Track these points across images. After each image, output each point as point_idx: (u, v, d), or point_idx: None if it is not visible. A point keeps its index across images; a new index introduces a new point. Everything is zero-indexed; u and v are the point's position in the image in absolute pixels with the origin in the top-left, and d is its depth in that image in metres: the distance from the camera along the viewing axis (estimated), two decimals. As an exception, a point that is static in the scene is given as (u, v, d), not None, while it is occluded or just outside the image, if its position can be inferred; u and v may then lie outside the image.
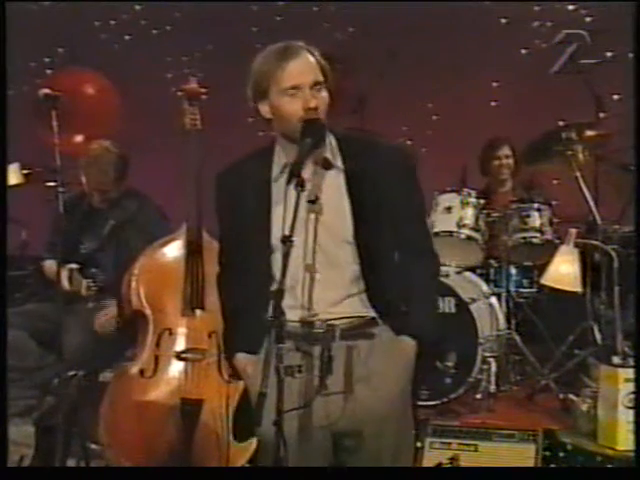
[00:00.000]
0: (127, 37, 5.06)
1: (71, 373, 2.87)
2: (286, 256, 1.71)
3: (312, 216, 1.87)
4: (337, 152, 1.93)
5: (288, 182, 1.78)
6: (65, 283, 3.01)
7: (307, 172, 1.88)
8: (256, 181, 1.93)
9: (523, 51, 4.79)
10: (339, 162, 1.92)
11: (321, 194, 1.88)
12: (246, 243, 1.94)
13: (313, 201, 1.86)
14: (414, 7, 4.67)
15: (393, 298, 1.92)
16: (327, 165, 1.91)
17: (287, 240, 1.71)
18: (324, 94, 1.88)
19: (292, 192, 1.77)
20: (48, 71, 4.62)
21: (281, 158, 1.93)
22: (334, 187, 1.91)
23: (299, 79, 1.85)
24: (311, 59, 1.88)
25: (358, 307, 1.91)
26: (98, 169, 3.26)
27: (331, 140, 1.94)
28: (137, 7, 5.04)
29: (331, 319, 1.86)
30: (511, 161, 4.07)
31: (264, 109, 1.91)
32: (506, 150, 4.07)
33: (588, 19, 4.22)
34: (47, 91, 2.94)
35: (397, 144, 2.02)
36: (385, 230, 1.91)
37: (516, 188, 4.07)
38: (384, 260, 1.92)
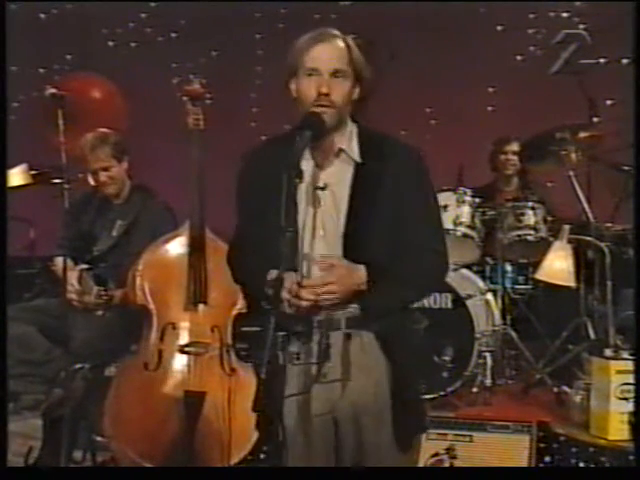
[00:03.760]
0: (133, 44, 5.11)
1: (77, 366, 2.89)
2: (285, 245, 1.70)
3: (315, 206, 1.85)
4: (356, 143, 1.91)
5: (287, 173, 1.74)
6: (74, 282, 2.99)
7: (318, 159, 1.88)
8: (279, 164, 1.83)
9: (518, 57, 4.85)
10: (355, 153, 1.90)
11: (330, 182, 1.87)
12: (264, 227, 1.86)
13: (322, 188, 1.85)
14: (412, 15, 4.74)
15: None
16: (338, 154, 1.89)
17: (285, 230, 1.71)
18: (344, 83, 1.84)
19: (292, 183, 1.75)
20: (57, 77, 4.70)
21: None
22: (340, 178, 1.88)
23: (319, 63, 1.83)
24: (341, 46, 1.85)
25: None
26: (97, 149, 3.16)
27: (352, 129, 1.91)
28: (143, 15, 5.10)
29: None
30: (517, 158, 4.05)
31: (292, 87, 1.89)
32: (514, 146, 4.06)
33: (582, 26, 4.29)
34: (54, 90, 2.96)
35: (413, 146, 1.94)
36: (382, 230, 1.86)
37: (521, 188, 4.06)
38: (372, 260, 1.84)
